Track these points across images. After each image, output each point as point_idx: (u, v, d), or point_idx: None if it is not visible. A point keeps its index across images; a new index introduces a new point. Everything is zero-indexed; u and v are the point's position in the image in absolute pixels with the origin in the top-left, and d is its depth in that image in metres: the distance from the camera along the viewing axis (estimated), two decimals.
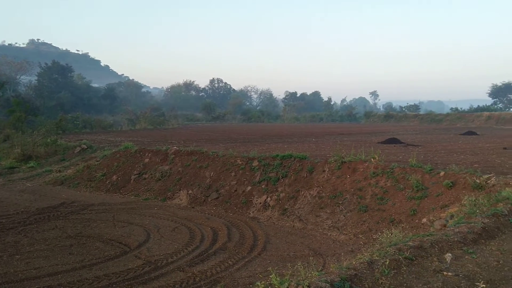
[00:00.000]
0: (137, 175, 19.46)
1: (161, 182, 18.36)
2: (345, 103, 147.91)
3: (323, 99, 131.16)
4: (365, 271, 5.09)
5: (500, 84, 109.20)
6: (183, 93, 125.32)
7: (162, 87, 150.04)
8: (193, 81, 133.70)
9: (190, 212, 15.00)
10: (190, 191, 16.92)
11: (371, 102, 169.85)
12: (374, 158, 14.44)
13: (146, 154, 20.80)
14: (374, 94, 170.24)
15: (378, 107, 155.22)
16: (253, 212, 14.69)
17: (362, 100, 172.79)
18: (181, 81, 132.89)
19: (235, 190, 16.06)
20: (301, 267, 5.14)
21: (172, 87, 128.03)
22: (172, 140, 29.95)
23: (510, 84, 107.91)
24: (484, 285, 4.94)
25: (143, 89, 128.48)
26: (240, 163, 17.15)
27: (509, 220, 7.54)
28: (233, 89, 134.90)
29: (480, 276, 5.20)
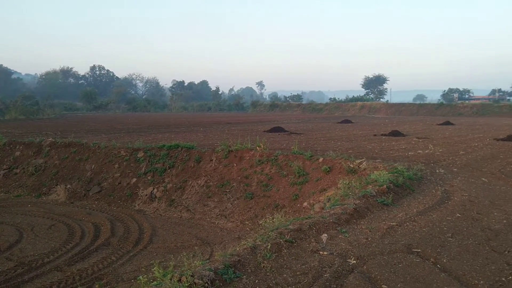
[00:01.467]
0: (6, 170, 17.68)
1: (35, 177, 16.90)
2: (232, 92, 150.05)
3: (211, 89, 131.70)
4: (248, 256, 5.23)
5: (372, 76, 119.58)
6: (60, 80, 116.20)
7: (36, 73, 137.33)
8: (71, 68, 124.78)
9: (69, 208, 14.05)
10: (68, 186, 15.84)
11: (257, 92, 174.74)
12: (259, 146, 14.87)
13: (17, 147, 18.96)
14: (260, 84, 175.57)
15: (264, 96, 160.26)
16: (138, 204, 14.25)
17: (249, 90, 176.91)
18: (57, 68, 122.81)
19: (119, 183, 15.41)
20: (185, 257, 5.11)
21: (47, 73, 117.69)
22: (48, 131, 27.66)
23: (380, 76, 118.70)
24: (354, 261, 5.37)
25: (13, 76, 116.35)
26: (124, 154, 16.46)
27: (377, 200, 8.30)
28: (117, 77, 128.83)
29: (352, 253, 5.64)
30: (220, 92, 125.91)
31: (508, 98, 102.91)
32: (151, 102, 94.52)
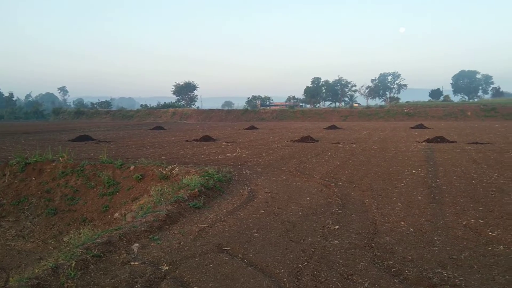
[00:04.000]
0: None
1: None
2: (30, 99, 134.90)
3: (3, 95, 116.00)
4: (49, 278, 4.70)
5: (182, 83, 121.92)
6: None
7: None
8: None
9: None
10: None
11: (60, 98, 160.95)
12: (62, 157, 13.66)
13: None
14: (63, 89, 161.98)
15: (68, 103, 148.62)
16: None
17: (50, 96, 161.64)
18: None
19: None
20: None
21: None
22: None
23: (190, 83, 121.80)
24: (167, 267, 5.32)
25: None
26: None
27: (189, 204, 8.43)
28: None
29: (164, 260, 5.58)
30: (14, 99, 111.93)
31: (301, 104, 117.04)
32: None
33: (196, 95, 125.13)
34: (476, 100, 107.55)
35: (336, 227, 7.09)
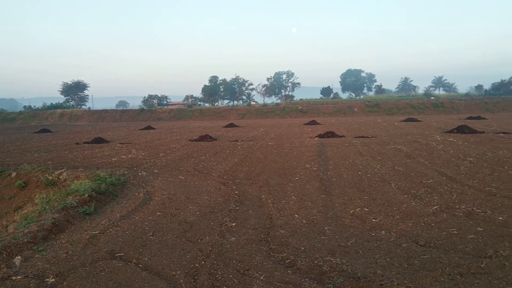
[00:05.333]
0: None
1: None
2: None
3: None
4: None
5: (71, 83, 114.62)
6: None
7: None
8: None
9: None
10: None
11: None
12: None
13: None
14: None
15: None
16: None
17: None
18: None
19: None
20: None
21: None
22: None
23: (80, 82, 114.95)
24: (53, 279, 4.93)
25: None
26: None
27: (78, 211, 7.92)
28: None
29: (50, 271, 5.17)
30: None
31: (199, 103, 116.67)
32: None
33: (87, 95, 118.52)
34: (362, 97, 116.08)
35: (234, 224, 7.15)
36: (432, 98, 79.31)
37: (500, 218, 7.02)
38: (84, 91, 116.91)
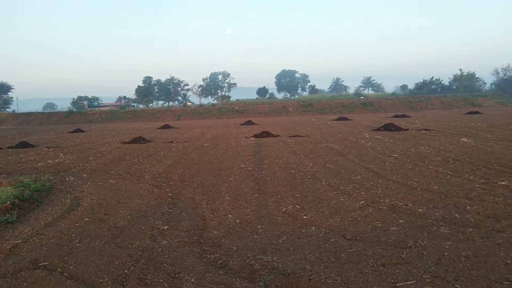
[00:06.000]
0: None
1: None
2: None
3: None
4: None
5: None
6: None
7: None
8: None
9: None
10: None
11: None
12: None
13: None
14: None
15: None
16: None
17: None
18: None
19: None
20: None
21: None
22: None
23: (3, 84, 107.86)
24: None
25: None
26: None
27: (0, 219, 7.44)
28: None
29: None
30: None
31: (133, 104, 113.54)
32: None
33: (11, 97, 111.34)
34: (296, 97, 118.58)
35: (166, 227, 7.04)
36: (362, 97, 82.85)
37: (420, 210, 7.47)
38: (8, 93, 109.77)
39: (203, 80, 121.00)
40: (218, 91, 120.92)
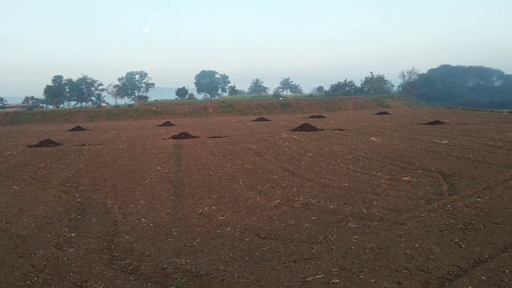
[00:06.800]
0: None
1: None
2: None
3: None
4: None
5: None
6: None
7: None
8: None
9: None
10: None
11: None
12: None
13: None
14: None
15: None
16: None
17: None
18: None
19: None
20: None
21: None
22: None
23: None
24: None
25: None
26: None
27: None
28: None
29: None
30: None
31: (41, 105, 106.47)
32: None
33: None
34: (216, 97, 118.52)
35: (73, 234, 6.65)
36: (281, 98, 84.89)
37: (331, 206, 7.78)
38: None
39: (119, 80, 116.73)
40: (135, 91, 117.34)
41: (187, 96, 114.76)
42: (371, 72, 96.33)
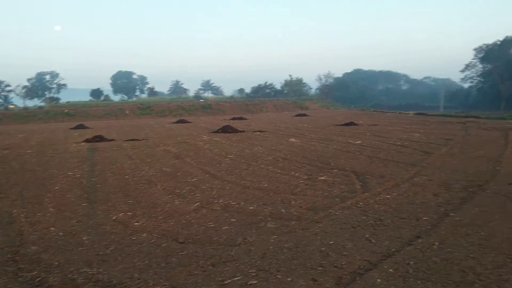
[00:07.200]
0: None
1: None
2: None
3: None
4: None
5: None
6: None
7: None
8: None
9: None
10: None
11: None
12: None
13: None
14: None
15: None
16: None
17: None
18: None
19: None
20: None
21: None
22: None
23: None
24: None
25: None
26: None
27: None
28: None
29: None
30: None
31: None
32: None
33: None
34: (134, 99, 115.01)
35: None
36: (201, 100, 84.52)
37: (251, 208, 7.83)
38: None
39: (28, 80, 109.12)
40: (46, 92, 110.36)
41: (102, 98, 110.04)
42: (290, 75, 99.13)
